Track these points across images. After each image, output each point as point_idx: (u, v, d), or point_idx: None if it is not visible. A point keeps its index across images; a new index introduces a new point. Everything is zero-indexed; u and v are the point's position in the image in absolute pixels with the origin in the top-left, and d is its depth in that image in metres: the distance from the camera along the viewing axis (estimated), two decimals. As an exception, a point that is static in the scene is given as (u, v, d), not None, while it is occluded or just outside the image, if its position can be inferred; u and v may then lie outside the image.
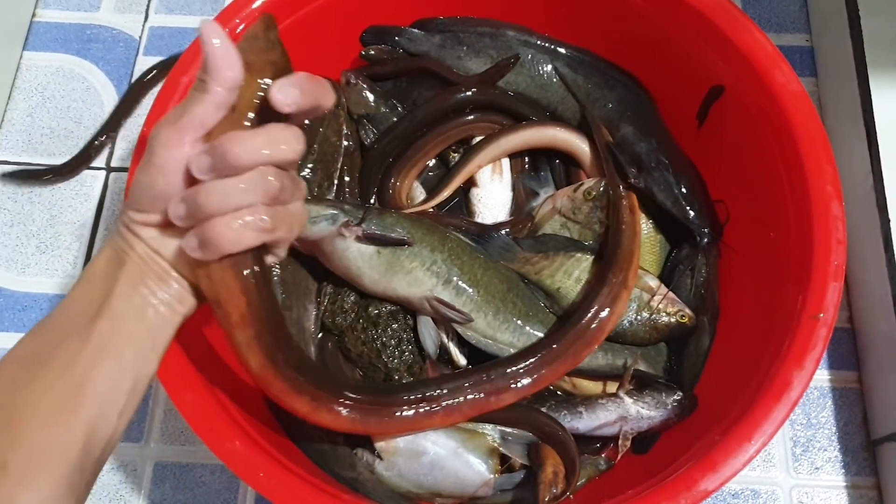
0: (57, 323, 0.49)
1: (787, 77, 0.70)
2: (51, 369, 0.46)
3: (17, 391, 0.45)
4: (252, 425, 0.63)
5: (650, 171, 0.78)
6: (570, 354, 0.68)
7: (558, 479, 0.66)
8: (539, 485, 0.66)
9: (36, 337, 0.49)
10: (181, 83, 0.72)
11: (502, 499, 0.72)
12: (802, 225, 0.66)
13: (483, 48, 0.84)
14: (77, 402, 0.46)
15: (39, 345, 0.48)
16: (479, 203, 0.83)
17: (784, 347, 0.62)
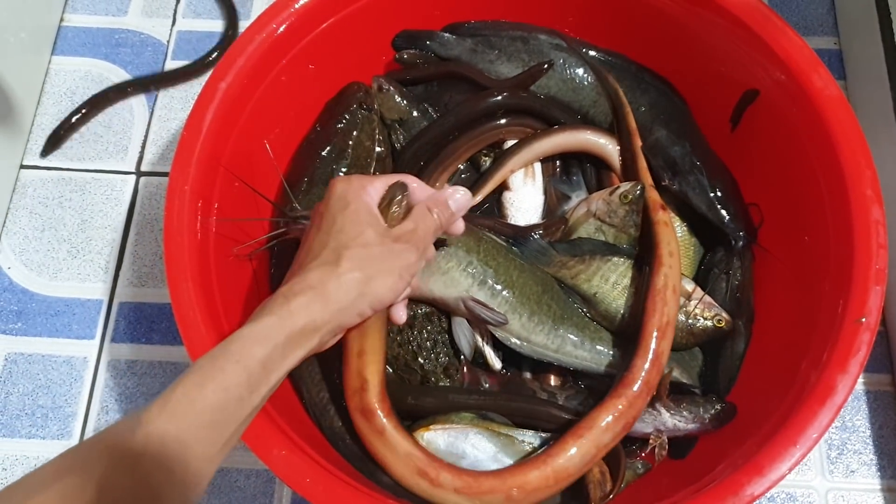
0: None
1: (824, 81, 0.70)
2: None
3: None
4: (296, 432, 0.63)
5: (684, 175, 0.78)
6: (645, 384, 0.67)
7: (605, 478, 0.66)
8: (588, 485, 0.66)
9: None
10: (219, 89, 0.72)
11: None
12: (842, 229, 0.66)
13: (515, 52, 0.84)
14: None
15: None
16: (512, 206, 0.83)
17: (827, 351, 0.62)
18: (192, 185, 0.69)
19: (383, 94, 0.83)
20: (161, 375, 0.82)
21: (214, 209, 0.72)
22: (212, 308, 0.67)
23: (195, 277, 0.66)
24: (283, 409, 0.67)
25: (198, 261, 0.68)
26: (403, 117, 0.84)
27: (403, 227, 0.59)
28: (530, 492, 0.63)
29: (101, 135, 0.94)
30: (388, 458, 0.64)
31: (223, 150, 0.73)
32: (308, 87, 0.82)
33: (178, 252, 0.67)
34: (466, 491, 0.62)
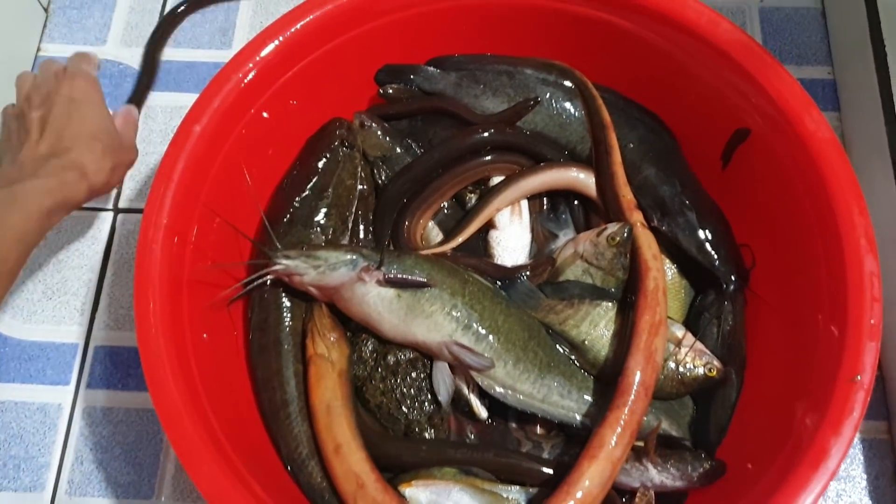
0: None
1: (817, 123, 0.68)
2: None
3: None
4: (274, 494, 0.61)
5: (674, 216, 0.76)
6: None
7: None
8: None
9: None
10: (193, 132, 0.70)
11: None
12: (836, 279, 0.64)
13: (500, 87, 0.81)
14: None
15: None
16: (499, 246, 0.81)
17: (819, 412, 0.60)
18: (166, 228, 0.68)
19: (365, 130, 0.81)
20: (138, 423, 0.80)
21: (190, 250, 0.70)
22: (183, 359, 0.65)
23: (166, 326, 0.65)
24: (259, 467, 0.65)
25: (170, 307, 0.66)
26: (386, 154, 0.82)
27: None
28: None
29: (78, 170, 0.92)
30: None
31: (199, 190, 0.72)
32: (290, 123, 0.80)
33: (149, 302, 0.66)
34: None
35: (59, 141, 0.73)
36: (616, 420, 0.65)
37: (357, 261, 0.71)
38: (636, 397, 0.66)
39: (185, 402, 0.63)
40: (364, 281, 0.71)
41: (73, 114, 0.75)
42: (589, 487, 0.62)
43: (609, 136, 0.78)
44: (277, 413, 0.72)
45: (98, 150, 0.74)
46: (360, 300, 0.71)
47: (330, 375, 0.72)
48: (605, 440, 0.64)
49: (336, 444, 0.68)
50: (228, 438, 0.65)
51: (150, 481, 0.78)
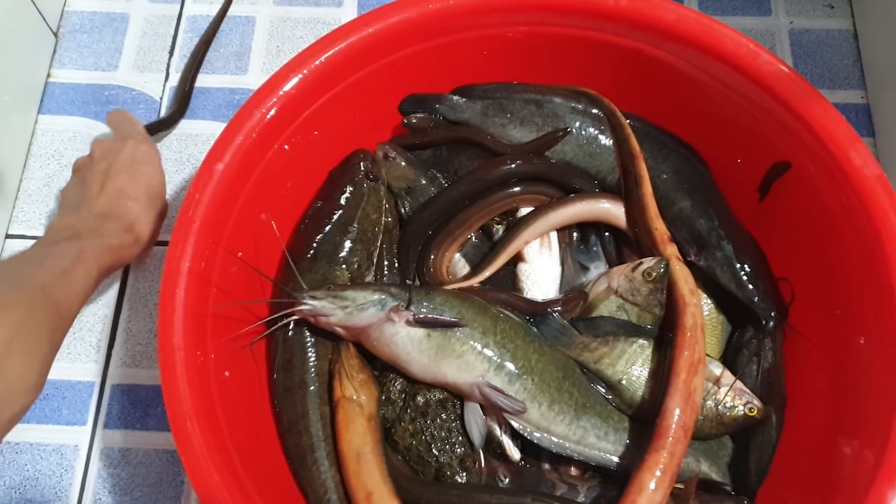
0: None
1: (864, 159, 0.65)
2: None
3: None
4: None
5: (711, 250, 0.74)
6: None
7: None
8: None
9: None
10: (216, 170, 0.68)
11: None
12: (886, 321, 0.62)
13: (528, 116, 0.79)
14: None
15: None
16: (528, 279, 0.79)
17: (874, 460, 0.58)
18: (190, 271, 0.65)
19: (389, 161, 0.79)
20: (157, 464, 0.77)
21: (213, 289, 0.68)
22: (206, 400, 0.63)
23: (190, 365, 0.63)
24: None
25: (194, 345, 0.64)
26: (411, 185, 0.80)
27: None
28: None
29: (92, 200, 0.90)
30: None
31: (223, 228, 0.69)
32: (312, 154, 0.78)
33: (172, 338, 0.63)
34: None
35: (118, 200, 0.76)
36: (655, 463, 0.63)
37: (386, 301, 0.69)
38: (675, 439, 0.64)
39: (210, 446, 0.61)
40: (393, 321, 0.69)
41: (134, 174, 0.78)
42: None
43: (639, 166, 0.76)
44: (304, 458, 0.69)
45: (153, 215, 0.79)
46: (388, 341, 0.69)
47: (359, 420, 0.69)
48: (645, 484, 0.62)
49: (367, 491, 0.66)
50: (254, 484, 0.62)
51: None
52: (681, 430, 0.64)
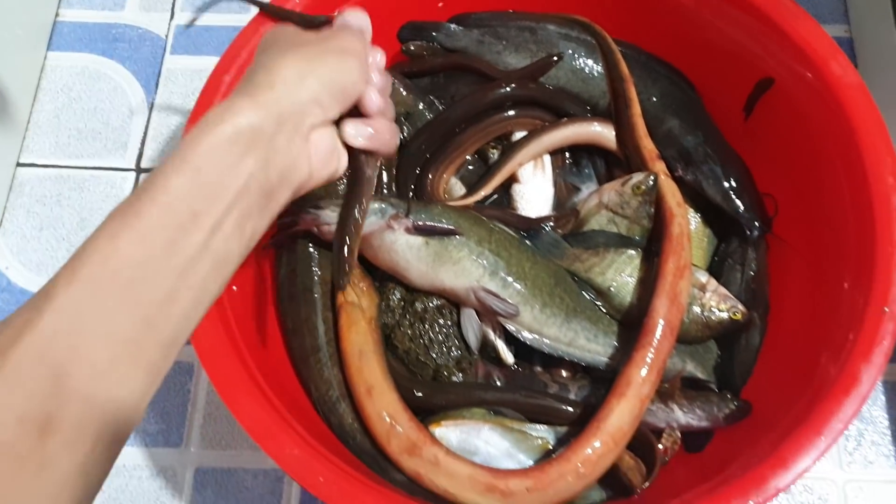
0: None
1: (844, 68, 0.68)
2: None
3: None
4: (309, 432, 0.62)
5: (698, 165, 0.77)
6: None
7: (639, 464, 0.66)
8: (626, 473, 0.66)
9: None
10: (224, 82, 0.71)
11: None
12: (862, 217, 0.65)
13: (523, 43, 0.82)
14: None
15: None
16: (522, 199, 0.82)
17: (849, 342, 0.61)
18: None
19: (389, 86, 0.82)
20: (170, 375, 0.80)
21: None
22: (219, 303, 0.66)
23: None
24: (292, 408, 0.66)
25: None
26: (409, 110, 0.83)
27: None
28: (596, 462, 0.62)
29: (100, 131, 0.93)
30: (451, 485, 0.63)
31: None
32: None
33: None
34: (539, 486, 0.62)
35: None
36: (643, 358, 0.66)
37: (386, 209, 0.72)
38: (662, 336, 0.67)
39: (223, 342, 0.63)
40: (393, 229, 0.71)
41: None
42: (618, 424, 0.64)
43: (628, 90, 0.79)
44: (307, 358, 0.72)
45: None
46: (388, 248, 0.72)
47: (360, 322, 0.72)
48: (633, 378, 0.65)
49: (368, 386, 0.68)
50: (265, 378, 0.65)
51: (178, 430, 0.78)
52: (667, 328, 0.67)
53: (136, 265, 0.38)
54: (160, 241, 0.39)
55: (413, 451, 0.65)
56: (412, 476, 0.65)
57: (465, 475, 0.63)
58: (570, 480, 0.62)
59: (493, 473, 0.63)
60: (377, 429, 0.67)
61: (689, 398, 0.70)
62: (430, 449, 0.64)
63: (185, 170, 0.40)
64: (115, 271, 0.38)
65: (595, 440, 0.63)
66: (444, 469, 0.64)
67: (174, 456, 0.78)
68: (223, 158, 0.41)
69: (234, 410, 0.60)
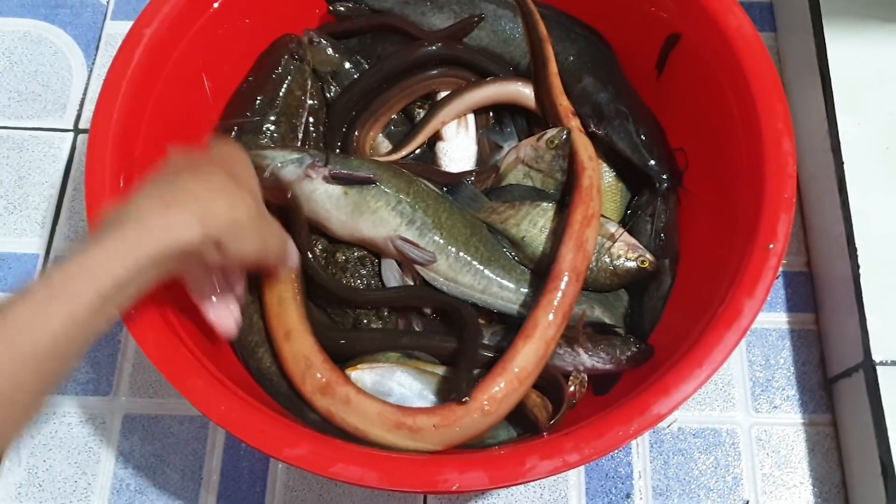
0: None
1: (739, 20, 0.71)
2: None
3: None
4: (219, 368, 0.64)
5: (610, 120, 0.79)
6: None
7: (545, 402, 0.68)
8: (532, 410, 0.68)
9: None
10: (144, 35, 0.72)
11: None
12: (755, 162, 0.67)
13: (446, 4, 0.85)
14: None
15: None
16: (445, 156, 0.84)
17: (736, 278, 0.63)
18: (115, 132, 0.69)
19: (314, 46, 0.84)
20: (96, 326, 0.82)
21: (139, 156, 0.72)
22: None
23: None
24: (208, 349, 0.68)
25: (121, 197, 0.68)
26: (336, 69, 0.85)
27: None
28: (501, 400, 0.65)
29: (40, 93, 0.95)
30: (361, 423, 0.65)
31: (150, 92, 0.73)
32: (243, 40, 0.82)
33: (100, 203, 0.67)
34: (446, 423, 0.64)
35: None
36: (549, 303, 0.68)
37: (304, 158, 0.74)
38: (567, 282, 0.69)
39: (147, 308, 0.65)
40: (311, 178, 0.74)
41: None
42: (523, 364, 0.66)
43: (546, 49, 0.81)
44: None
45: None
46: (308, 198, 0.74)
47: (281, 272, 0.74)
48: (539, 321, 0.67)
49: (286, 330, 0.70)
50: (182, 325, 0.67)
51: (108, 379, 0.80)
52: (572, 274, 0.69)
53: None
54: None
55: (326, 390, 0.67)
56: (325, 415, 0.67)
57: (375, 413, 0.65)
58: (476, 417, 0.64)
59: (402, 411, 0.65)
60: (292, 370, 0.69)
61: (594, 342, 0.72)
62: (342, 388, 0.66)
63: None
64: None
65: (501, 380, 0.65)
66: (354, 407, 0.66)
67: (103, 404, 0.80)
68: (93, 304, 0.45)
69: (141, 343, 0.62)
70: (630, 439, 0.59)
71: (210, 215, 0.51)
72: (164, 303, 0.67)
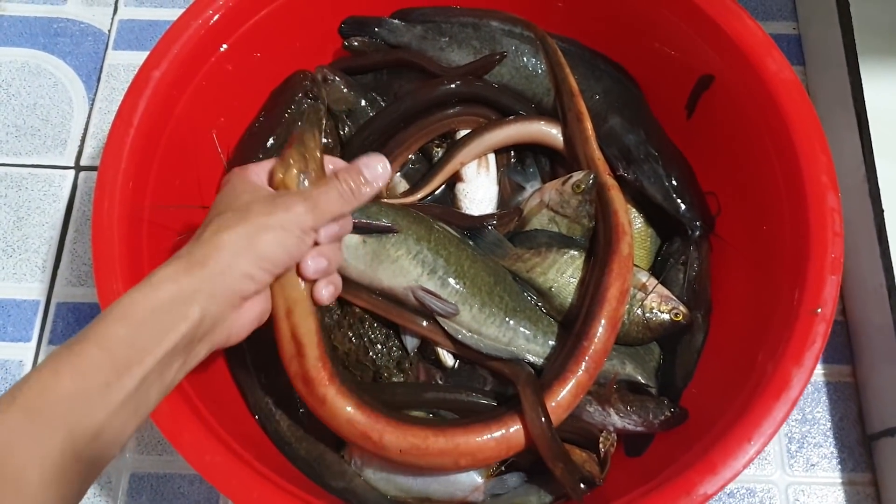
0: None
1: (779, 65, 0.68)
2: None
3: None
4: (237, 440, 0.60)
5: (639, 164, 0.76)
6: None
7: (592, 456, 0.67)
8: (584, 465, 0.66)
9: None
10: (152, 77, 0.69)
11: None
12: (798, 217, 0.64)
13: (466, 39, 0.81)
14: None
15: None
16: (466, 198, 0.81)
17: (782, 344, 0.60)
18: (124, 177, 0.66)
19: (328, 84, 0.80)
20: (100, 378, 0.79)
21: (148, 201, 0.69)
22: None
23: (124, 273, 0.64)
24: (226, 415, 0.64)
25: (128, 254, 0.65)
26: (351, 108, 0.82)
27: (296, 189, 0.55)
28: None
29: (39, 128, 0.91)
30: (331, 423, 0.61)
31: (160, 136, 0.70)
32: (254, 76, 0.79)
33: (107, 246, 0.64)
34: (414, 453, 0.61)
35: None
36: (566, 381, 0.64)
37: (319, 206, 0.70)
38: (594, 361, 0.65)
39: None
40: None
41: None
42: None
43: (577, 103, 0.78)
44: (245, 363, 0.71)
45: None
46: (323, 248, 0.71)
47: None
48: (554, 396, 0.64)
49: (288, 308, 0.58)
50: (194, 388, 0.64)
51: (113, 436, 0.77)
52: (603, 354, 0.66)
53: (71, 399, 0.42)
54: (96, 381, 0.43)
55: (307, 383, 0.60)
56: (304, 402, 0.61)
57: (344, 419, 0.60)
58: (447, 461, 0.62)
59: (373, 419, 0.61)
60: (283, 347, 0.59)
61: (625, 402, 0.69)
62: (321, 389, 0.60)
63: (126, 324, 0.45)
64: (52, 402, 0.42)
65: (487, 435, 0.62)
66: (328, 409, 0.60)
67: (110, 462, 0.76)
68: (159, 320, 0.46)
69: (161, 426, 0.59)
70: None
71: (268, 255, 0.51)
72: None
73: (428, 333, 0.72)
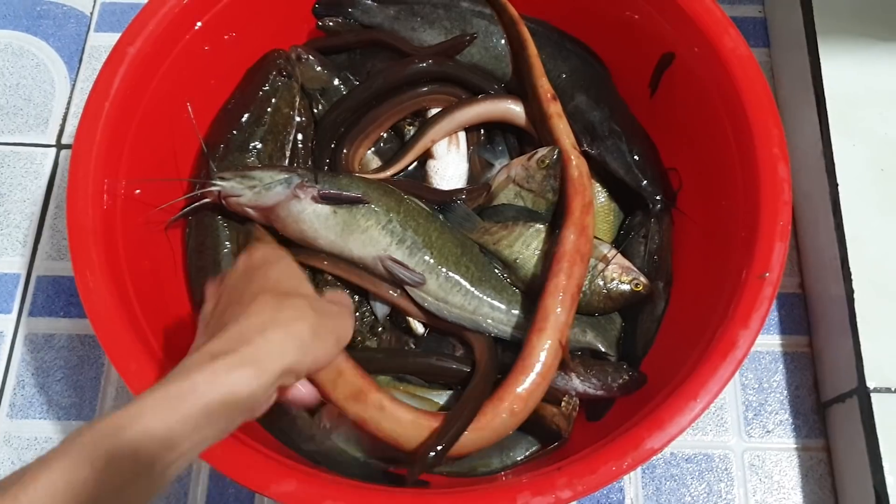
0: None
1: (735, 41, 0.70)
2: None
3: None
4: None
5: (603, 140, 0.78)
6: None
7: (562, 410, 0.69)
8: (553, 419, 0.69)
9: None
10: (127, 53, 0.71)
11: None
12: (750, 187, 0.67)
13: (437, 19, 0.83)
14: None
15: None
16: (436, 175, 0.83)
17: (731, 308, 0.63)
18: (98, 150, 0.68)
19: (302, 63, 0.82)
20: (80, 348, 0.81)
21: (123, 175, 0.70)
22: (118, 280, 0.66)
23: (99, 244, 0.65)
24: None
25: (103, 228, 0.67)
26: (324, 86, 0.83)
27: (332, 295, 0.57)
28: (527, 398, 0.65)
29: (21, 107, 0.93)
30: (395, 430, 0.63)
31: (134, 111, 0.72)
32: (229, 55, 0.81)
33: (82, 220, 0.66)
34: (477, 427, 0.64)
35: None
36: (556, 287, 0.68)
37: (292, 179, 0.72)
38: (572, 263, 0.69)
39: (122, 319, 0.64)
40: (299, 198, 0.72)
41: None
42: (542, 358, 0.66)
43: (522, 31, 0.80)
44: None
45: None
46: (295, 218, 0.73)
47: None
48: (550, 309, 0.67)
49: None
50: (167, 356, 0.66)
51: (91, 403, 0.79)
52: (577, 255, 0.69)
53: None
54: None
55: (358, 397, 0.62)
56: (357, 422, 0.63)
57: (409, 420, 0.63)
58: (505, 418, 0.65)
59: (435, 418, 0.64)
60: (323, 378, 0.62)
61: (586, 367, 0.71)
62: (374, 395, 0.63)
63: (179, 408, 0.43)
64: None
65: (524, 377, 0.65)
66: (388, 414, 0.63)
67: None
68: (211, 418, 0.44)
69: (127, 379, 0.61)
70: (623, 474, 0.58)
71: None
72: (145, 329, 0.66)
73: (397, 301, 0.74)
